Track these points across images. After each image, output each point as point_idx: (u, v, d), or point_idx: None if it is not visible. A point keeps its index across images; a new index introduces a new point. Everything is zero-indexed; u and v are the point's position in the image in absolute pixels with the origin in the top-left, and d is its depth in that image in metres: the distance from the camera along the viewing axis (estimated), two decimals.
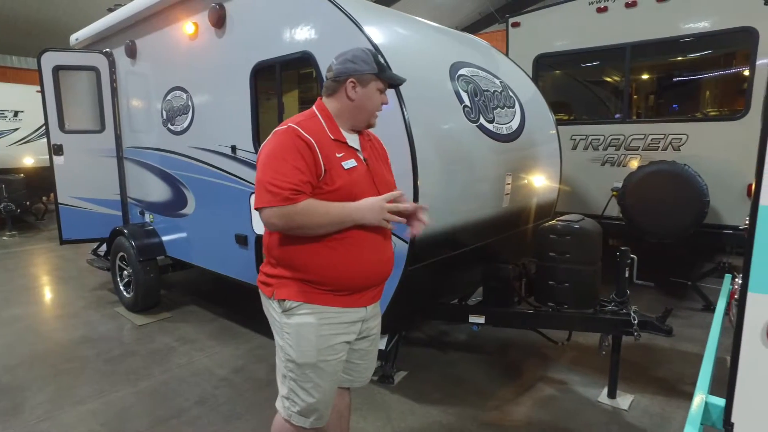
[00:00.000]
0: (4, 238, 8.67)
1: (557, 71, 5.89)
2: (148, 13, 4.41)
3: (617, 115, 5.26)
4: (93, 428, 2.72)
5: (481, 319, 3.03)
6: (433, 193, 2.73)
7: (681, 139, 4.55)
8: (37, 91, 5.13)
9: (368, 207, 1.64)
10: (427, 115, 2.83)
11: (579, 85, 6.05)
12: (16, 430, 2.74)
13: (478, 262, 3.30)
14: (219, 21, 3.62)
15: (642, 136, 4.77)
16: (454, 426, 2.69)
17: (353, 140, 1.78)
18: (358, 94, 1.74)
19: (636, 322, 2.68)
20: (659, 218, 4.23)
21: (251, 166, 3.50)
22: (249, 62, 3.44)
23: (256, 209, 1.63)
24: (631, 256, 2.85)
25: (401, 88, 2.59)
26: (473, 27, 13.79)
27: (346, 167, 1.67)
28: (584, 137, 5.08)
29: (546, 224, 3.09)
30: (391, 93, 2.60)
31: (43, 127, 7.24)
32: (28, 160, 9.72)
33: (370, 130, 1.93)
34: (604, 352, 2.86)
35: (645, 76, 6.40)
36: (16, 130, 9.72)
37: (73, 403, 3.00)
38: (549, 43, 5.34)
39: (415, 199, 2.59)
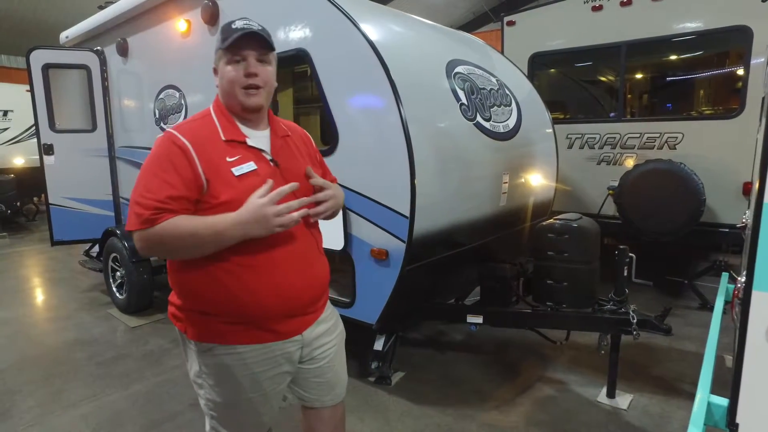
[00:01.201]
0: None
1: (552, 70, 5.89)
2: (139, 11, 4.36)
3: (612, 114, 5.26)
4: None
5: (479, 319, 3.01)
6: (429, 191, 2.70)
7: (677, 137, 4.55)
8: (27, 90, 5.05)
9: (251, 216, 1.31)
10: (423, 112, 2.80)
11: (574, 84, 6.05)
12: None
13: (476, 261, 3.28)
14: (212, 18, 3.58)
15: (638, 135, 4.76)
16: (452, 427, 2.66)
17: (258, 139, 1.48)
18: (218, 79, 1.48)
19: (635, 321, 2.67)
20: (655, 217, 4.22)
21: None
22: None
23: (127, 232, 1.41)
24: (630, 254, 2.83)
25: (397, 86, 2.58)
26: (467, 27, 13.79)
27: (237, 173, 1.37)
28: (580, 136, 5.08)
29: (544, 223, 3.07)
30: (386, 91, 2.58)
31: (34, 127, 7.16)
32: (19, 160, 9.60)
33: (292, 123, 1.70)
34: (602, 352, 2.84)
35: (640, 75, 6.42)
36: (5, 129, 9.60)
37: (64, 407, 2.95)
38: (544, 42, 5.33)
39: (413, 197, 2.56)
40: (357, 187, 2.81)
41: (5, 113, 9.63)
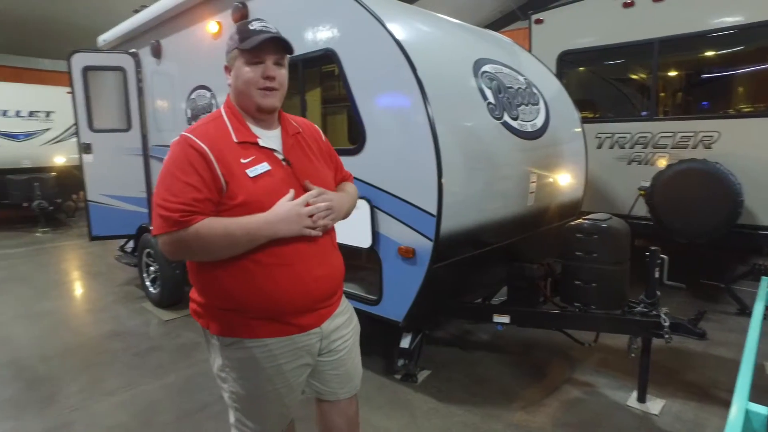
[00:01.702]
0: (38, 234, 8.96)
1: (582, 68, 5.78)
2: (172, 14, 4.49)
3: (644, 113, 5.14)
4: (122, 419, 2.78)
5: (505, 319, 2.99)
6: (456, 190, 2.70)
7: (712, 136, 4.41)
8: (68, 92, 5.26)
9: (282, 217, 1.38)
10: (450, 112, 2.80)
11: (604, 83, 5.93)
12: (51, 418, 2.83)
13: (503, 261, 3.26)
14: (242, 19, 3.65)
15: (670, 134, 4.64)
16: (478, 426, 2.66)
17: (270, 139, 1.51)
18: (232, 77, 1.49)
19: (667, 324, 2.60)
20: (689, 218, 4.11)
21: None
22: None
23: (153, 237, 1.45)
24: (662, 256, 2.77)
25: (424, 85, 2.59)
26: (494, 25, 13.62)
27: (251, 175, 1.40)
28: (610, 135, 4.98)
29: (572, 223, 3.03)
30: (413, 90, 2.60)
31: (73, 127, 7.43)
32: (60, 159, 10.00)
33: (303, 120, 1.70)
34: (633, 355, 2.78)
35: (674, 72, 6.24)
36: (47, 130, 10.02)
37: (103, 394, 3.07)
38: (573, 40, 5.25)
39: (440, 196, 2.57)
40: (384, 186, 2.84)
41: (48, 114, 10.05)
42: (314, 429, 1.87)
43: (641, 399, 2.83)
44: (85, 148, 5.08)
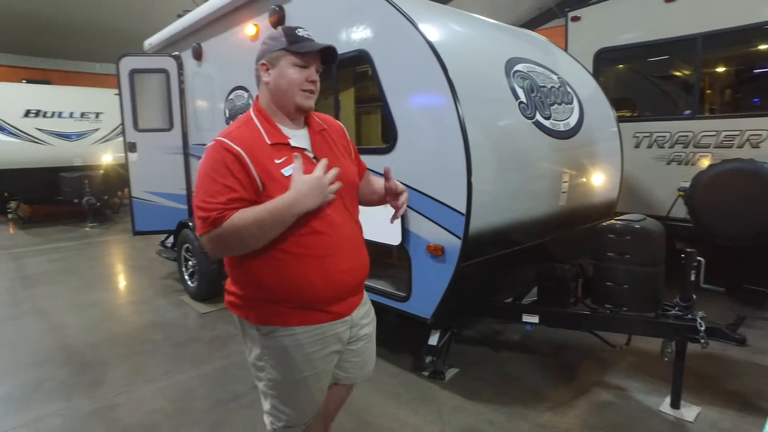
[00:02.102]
0: (86, 229, 9.44)
1: (620, 66, 5.64)
2: (213, 17, 4.66)
3: (686, 111, 4.96)
4: (162, 405, 2.93)
5: (534, 319, 2.98)
6: (486, 189, 2.71)
7: (761, 135, 4.22)
8: (115, 94, 5.53)
9: (306, 191, 1.43)
10: (481, 111, 2.81)
11: (644, 80, 5.77)
12: (98, 400, 3.01)
13: (533, 261, 3.24)
14: (279, 22, 3.77)
15: (714, 133, 4.47)
16: (504, 425, 2.66)
17: (299, 138, 1.58)
18: (271, 77, 1.54)
19: (703, 328, 2.54)
20: (733, 220, 3.95)
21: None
22: None
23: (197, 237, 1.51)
24: (698, 258, 2.69)
25: (455, 85, 2.61)
26: (532, 23, 13.41)
27: (286, 174, 1.46)
28: (648, 134, 4.84)
29: (604, 223, 2.98)
30: (444, 90, 2.63)
31: (120, 127, 7.78)
32: (107, 157, 10.51)
33: (327, 116, 1.76)
34: (666, 359, 2.72)
35: (719, 69, 5.99)
36: (97, 130, 10.55)
37: (145, 381, 3.24)
38: (611, 37, 5.12)
39: (469, 195, 2.59)
40: (415, 184, 2.88)
41: (97, 115, 10.58)
42: None
43: (675, 405, 2.76)
44: (131, 147, 5.33)
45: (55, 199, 10.02)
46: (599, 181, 3.72)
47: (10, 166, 9.51)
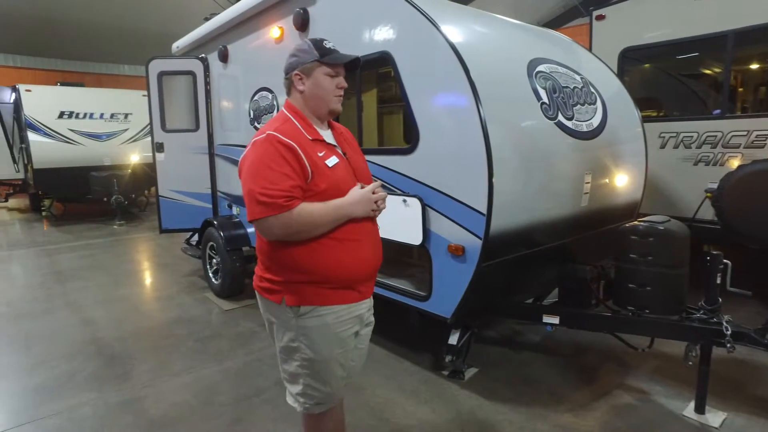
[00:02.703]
0: (115, 226, 9.72)
1: (646, 65, 5.54)
2: (239, 20, 4.75)
3: (716, 111, 4.85)
4: (186, 398, 3.02)
5: (555, 320, 2.96)
6: (507, 190, 2.71)
7: None
8: (143, 95, 5.69)
9: (357, 200, 1.66)
10: (503, 113, 2.81)
11: (670, 79, 5.65)
12: (126, 392, 3.12)
13: (554, 262, 3.22)
14: (303, 24, 3.83)
15: (744, 133, 4.36)
16: (524, 425, 2.66)
17: (328, 136, 1.79)
18: (306, 85, 1.73)
19: (729, 332, 2.49)
20: (762, 222, 3.85)
21: None
22: None
23: (251, 221, 1.62)
24: (725, 261, 2.64)
25: (477, 86, 2.62)
26: (556, 21, 13.26)
27: (330, 165, 1.67)
28: (674, 135, 4.75)
29: (627, 224, 2.95)
30: (466, 91, 2.64)
31: (147, 128, 7.98)
32: (134, 157, 10.80)
33: (339, 125, 1.93)
34: (690, 363, 2.68)
35: (751, 66, 5.83)
36: (125, 130, 10.85)
37: (170, 374, 3.34)
38: (637, 36, 5.04)
39: (490, 196, 2.60)
40: (436, 185, 2.90)
41: (126, 116, 10.89)
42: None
43: (700, 410, 2.71)
44: (158, 147, 5.47)
45: (86, 198, 10.34)
46: (622, 182, 3.67)
47: (45, 166, 9.87)
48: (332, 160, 1.68)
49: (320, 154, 1.66)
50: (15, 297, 5.21)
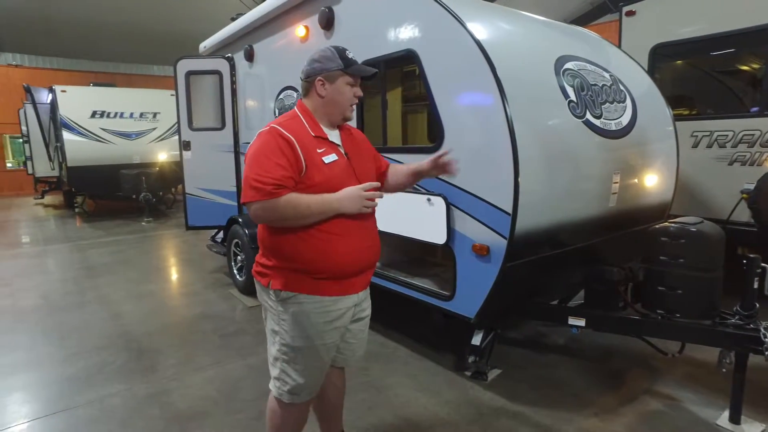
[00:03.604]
0: (143, 223, 9.96)
1: (678, 62, 5.37)
2: (265, 20, 4.81)
3: (754, 108, 4.67)
4: (210, 392, 3.06)
5: (581, 322, 2.90)
6: (533, 189, 2.67)
7: None
8: (171, 95, 5.81)
9: (347, 196, 1.73)
10: (529, 111, 2.77)
11: (704, 76, 5.46)
12: (153, 384, 3.19)
13: (581, 263, 3.16)
14: (328, 23, 3.84)
15: None
16: (547, 428, 2.61)
17: (334, 136, 1.87)
18: (327, 91, 1.82)
19: (767, 339, 2.39)
20: None
21: None
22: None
23: (243, 204, 1.73)
24: (762, 264, 2.54)
25: (503, 85, 2.59)
26: (584, 19, 13.01)
27: (326, 161, 1.75)
28: (708, 133, 4.59)
29: (657, 226, 2.86)
30: (492, 90, 2.61)
31: (175, 126, 8.12)
32: (162, 155, 11.05)
33: (351, 126, 2.02)
34: (724, 370, 2.58)
35: None
36: (154, 129, 11.11)
37: (195, 369, 3.40)
38: (669, 31, 4.89)
39: (516, 195, 2.56)
40: (461, 184, 2.87)
41: (154, 115, 11.15)
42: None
43: (735, 420, 2.61)
44: (185, 146, 5.58)
45: (116, 195, 10.63)
46: (652, 182, 3.58)
47: (78, 164, 10.19)
48: (330, 158, 1.77)
49: (319, 151, 1.76)
50: (50, 290, 5.39)
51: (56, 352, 3.73)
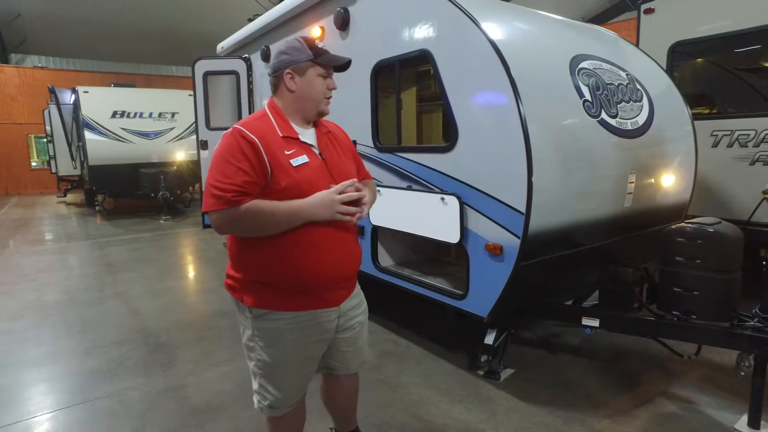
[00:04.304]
0: (161, 221, 10.13)
1: (698, 60, 5.28)
2: (281, 21, 4.86)
3: None
4: (225, 388, 3.12)
5: (595, 323, 2.88)
6: (547, 189, 2.67)
7: None
8: (189, 95, 5.91)
9: (318, 202, 1.58)
10: (544, 110, 2.76)
11: (725, 75, 5.36)
12: (171, 379, 3.26)
13: (596, 263, 3.14)
14: (343, 24, 3.87)
15: None
16: (559, 428, 2.61)
17: (307, 135, 1.73)
18: (297, 85, 1.69)
19: None
20: None
21: (369, 160, 3.70)
22: (370, 62, 3.64)
23: (204, 213, 1.61)
24: None
25: (518, 84, 2.59)
26: (601, 17, 12.86)
27: (295, 164, 1.60)
28: (729, 133, 4.51)
29: (673, 226, 2.83)
30: (506, 89, 2.61)
31: (192, 126, 8.20)
32: (180, 154, 11.22)
33: (331, 122, 1.88)
34: (742, 373, 2.54)
35: None
36: (172, 129, 11.30)
37: (211, 364, 3.46)
38: (689, 29, 4.81)
39: (529, 195, 2.56)
40: (475, 183, 2.88)
41: (173, 115, 11.33)
42: (318, 401, 2.17)
43: (754, 424, 2.56)
44: (203, 145, 5.68)
45: (135, 193, 10.84)
46: (669, 182, 3.53)
47: (99, 163, 10.41)
48: (299, 160, 1.62)
49: (287, 152, 1.61)
50: (72, 286, 5.53)
51: (78, 345, 3.83)
